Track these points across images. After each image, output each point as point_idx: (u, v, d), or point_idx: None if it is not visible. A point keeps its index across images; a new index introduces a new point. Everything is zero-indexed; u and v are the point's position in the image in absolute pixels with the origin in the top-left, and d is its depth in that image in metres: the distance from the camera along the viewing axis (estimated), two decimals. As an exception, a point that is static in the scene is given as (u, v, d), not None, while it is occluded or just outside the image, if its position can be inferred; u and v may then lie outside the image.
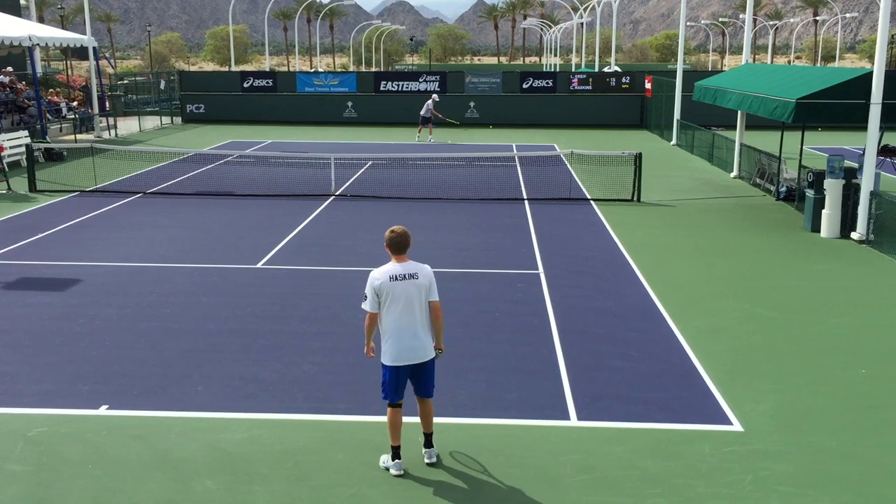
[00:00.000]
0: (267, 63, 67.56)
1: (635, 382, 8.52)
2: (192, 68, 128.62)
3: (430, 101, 31.17)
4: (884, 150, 22.13)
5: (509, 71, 48.24)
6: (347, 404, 7.97)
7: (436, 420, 7.52)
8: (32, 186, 19.77)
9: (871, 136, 14.71)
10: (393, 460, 6.69)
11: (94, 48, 32.59)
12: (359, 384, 8.43)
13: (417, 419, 6.89)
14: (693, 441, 7.27)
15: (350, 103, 38.18)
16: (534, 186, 20.49)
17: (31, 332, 9.95)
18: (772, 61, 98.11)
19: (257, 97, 38.75)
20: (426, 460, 6.80)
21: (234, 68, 58.58)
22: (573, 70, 67.01)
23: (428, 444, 6.86)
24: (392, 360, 6.59)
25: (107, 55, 73.66)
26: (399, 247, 6.71)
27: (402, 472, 6.65)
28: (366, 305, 6.69)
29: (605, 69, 55.32)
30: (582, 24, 77.56)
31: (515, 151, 27.08)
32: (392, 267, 6.66)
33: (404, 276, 6.60)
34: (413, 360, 6.60)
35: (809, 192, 15.81)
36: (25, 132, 25.44)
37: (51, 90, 34.96)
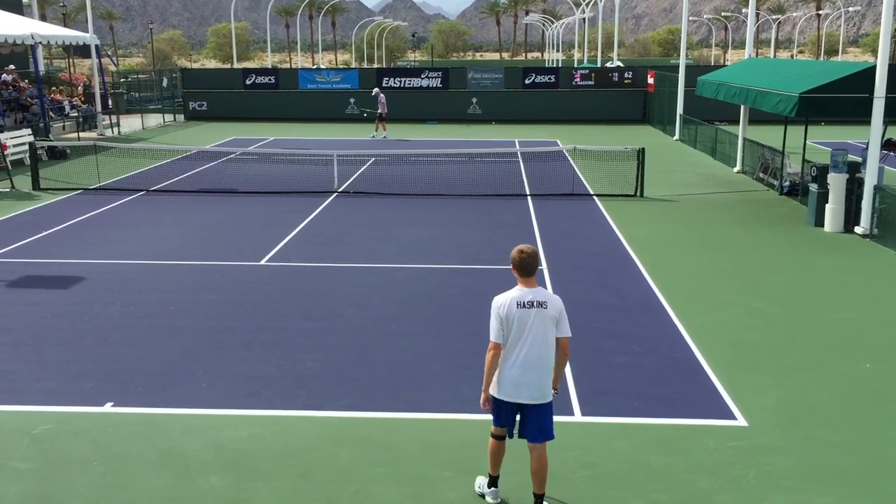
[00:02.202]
0: (269, 60, 67.53)
1: (638, 377, 8.52)
2: (195, 66, 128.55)
3: (382, 96, 31.27)
4: (887, 144, 22.06)
5: (511, 67, 48.19)
6: (351, 401, 7.97)
7: (440, 416, 7.53)
8: (36, 184, 19.80)
9: (875, 131, 14.67)
10: (489, 487, 6.17)
11: (96, 46, 32.60)
12: (362, 381, 8.44)
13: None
14: (696, 436, 7.27)
15: (352, 100, 38.17)
16: (536, 182, 20.48)
17: (34, 329, 9.97)
18: (774, 56, 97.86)
19: (259, 94, 38.77)
20: None
21: (236, 65, 58.60)
22: (575, 65, 66.89)
23: None
24: (497, 391, 5.88)
25: (109, 53, 73.72)
26: (529, 269, 5.83)
27: (498, 501, 6.14)
28: (492, 335, 5.81)
29: (608, 64, 55.21)
30: (584, 19, 77.43)
31: (518, 147, 27.07)
32: (519, 292, 5.81)
33: (532, 303, 5.78)
34: (519, 399, 5.82)
35: (813, 187, 15.78)
36: (28, 130, 25.49)
37: (53, 88, 34.99)
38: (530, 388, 5.80)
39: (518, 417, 5.97)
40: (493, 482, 6.20)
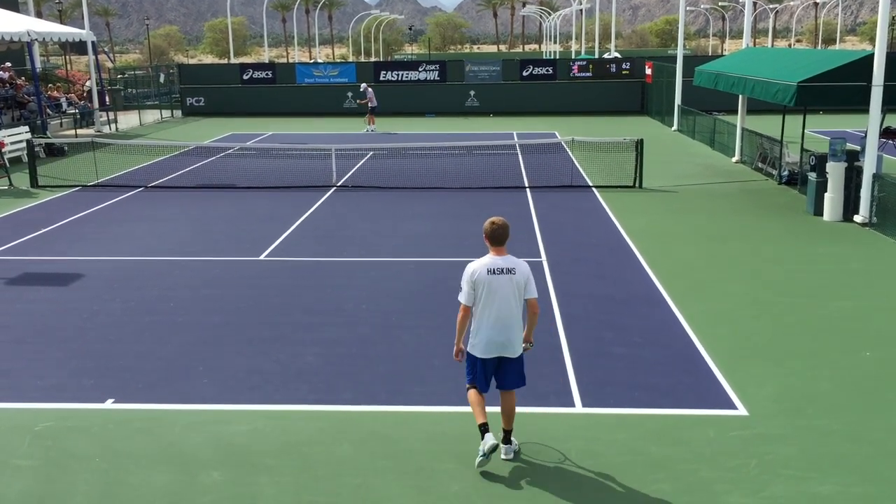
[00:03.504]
0: (266, 55, 67.46)
1: (639, 368, 8.52)
2: (192, 61, 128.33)
3: (370, 90, 31.16)
4: (886, 133, 22.06)
5: (509, 59, 48.13)
6: (352, 394, 7.98)
7: (442, 409, 7.56)
8: (34, 182, 19.78)
9: (873, 119, 14.65)
10: (482, 437, 6.50)
11: (92, 42, 32.53)
12: (363, 374, 8.45)
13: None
14: (697, 426, 7.28)
15: (350, 94, 38.10)
16: (535, 174, 20.46)
17: (35, 327, 9.97)
18: (772, 45, 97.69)
19: (257, 89, 38.68)
20: (503, 456, 6.65)
21: (233, 60, 58.50)
22: (573, 57, 66.80)
23: (506, 440, 6.72)
24: (479, 352, 6.51)
25: (105, 49, 73.53)
26: (499, 239, 6.46)
27: (495, 443, 6.46)
28: (462, 297, 6.49)
29: (605, 55, 55.15)
30: (581, 10, 77.31)
31: (516, 139, 27.02)
32: (490, 260, 6.46)
33: (502, 270, 6.40)
34: (499, 354, 6.51)
35: (812, 176, 15.77)
36: (26, 128, 25.45)
37: (50, 85, 34.92)
38: (504, 345, 6.49)
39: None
40: (485, 429, 6.51)
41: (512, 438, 6.76)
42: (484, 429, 6.52)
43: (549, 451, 6.85)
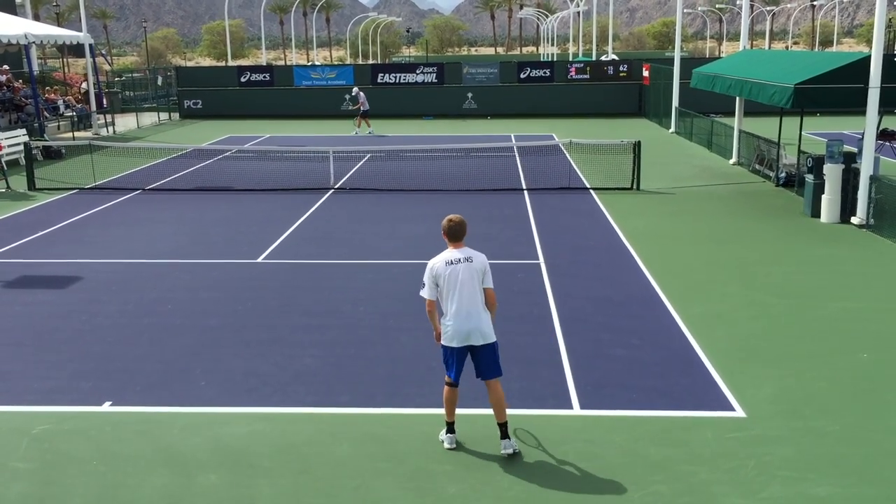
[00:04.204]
0: (263, 57, 67.47)
1: (637, 370, 8.53)
2: (189, 64, 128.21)
3: (362, 94, 31.26)
4: (882, 135, 22.09)
5: (507, 61, 48.16)
6: (350, 396, 7.98)
7: (440, 411, 7.55)
8: (31, 185, 19.76)
9: (870, 121, 14.68)
10: (447, 434, 6.93)
11: (90, 45, 32.51)
12: (361, 377, 8.44)
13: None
14: (695, 428, 7.28)
15: (347, 96, 38.09)
16: (533, 176, 20.47)
17: (32, 329, 9.96)
18: (769, 47, 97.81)
19: (254, 91, 38.69)
20: (502, 451, 6.76)
21: (230, 63, 58.50)
22: (571, 59, 66.84)
23: (504, 435, 6.80)
24: (447, 340, 6.77)
25: (103, 52, 73.50)
26: (456, 234, 6.91)
27: (454, 446, 6.87)
28: (423, 293, 6.84)
29: (603, 58, 55.19)
30: (579, 12, 77.39)
31: (514, 141, 27.04)
32: (448, 253, 6.85)
33: (460, 259, 6.78)
34: (468, 343, 6.70)
35: (809, 178, 15.80)
36: (23, 130, 25.43)
37: (48, 88, 34.90)
38: (474, 333, 6.68)
39: (471, 368, 6.86)
40: (450, 429, 6.95)
41: (509, 434, 6.82)
42: (450, 429, 6.94)
43: (547, 453, 6.85)
